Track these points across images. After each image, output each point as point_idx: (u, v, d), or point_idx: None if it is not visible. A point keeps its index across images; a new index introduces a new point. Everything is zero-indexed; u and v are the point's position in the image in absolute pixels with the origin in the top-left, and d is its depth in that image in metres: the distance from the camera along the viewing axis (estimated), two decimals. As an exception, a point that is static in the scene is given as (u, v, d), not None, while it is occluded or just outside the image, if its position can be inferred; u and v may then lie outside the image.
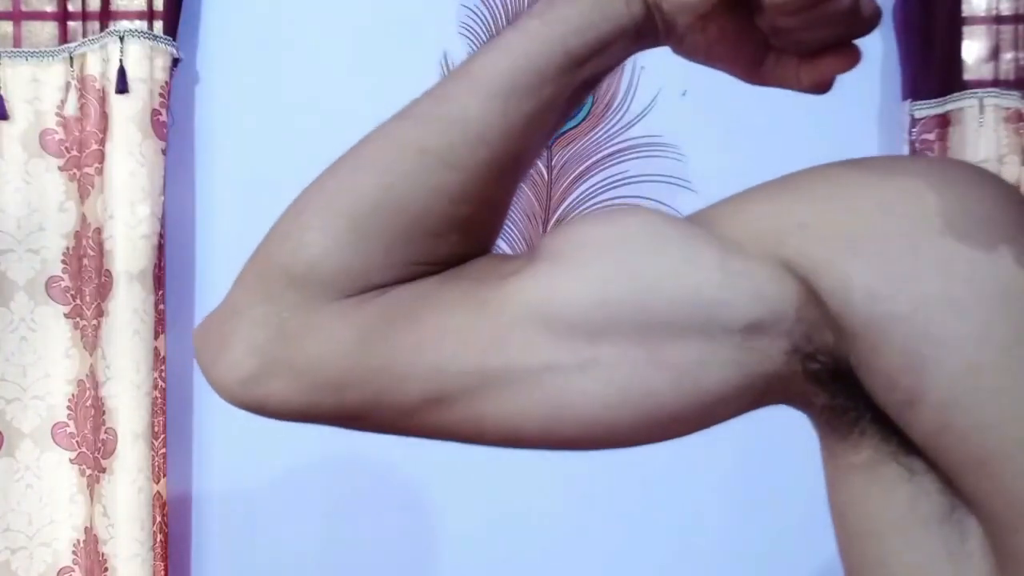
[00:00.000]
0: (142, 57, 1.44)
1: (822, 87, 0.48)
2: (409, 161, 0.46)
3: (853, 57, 0.46)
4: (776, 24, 0.45)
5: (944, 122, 1.49)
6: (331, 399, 0.46)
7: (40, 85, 1.49)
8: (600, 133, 1.57)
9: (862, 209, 0.42)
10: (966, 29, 1.51)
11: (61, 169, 1.49)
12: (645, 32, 0.47)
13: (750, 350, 0.42)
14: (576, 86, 0.48)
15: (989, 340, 0.37)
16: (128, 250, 1.42)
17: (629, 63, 1.57)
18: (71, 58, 1.48)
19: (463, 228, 0.47)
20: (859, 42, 0.48)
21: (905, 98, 1.53)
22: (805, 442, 0.49)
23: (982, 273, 0.38)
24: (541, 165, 1.57)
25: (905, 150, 1.53)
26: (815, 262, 0.41)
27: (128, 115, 1.43)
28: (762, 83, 0.49)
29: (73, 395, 1.50)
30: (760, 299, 0.42)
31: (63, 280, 1.49)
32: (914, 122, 1.50)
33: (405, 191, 0.45)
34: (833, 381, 0.42)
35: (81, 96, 1.46)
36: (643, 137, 1.57)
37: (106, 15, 1.49)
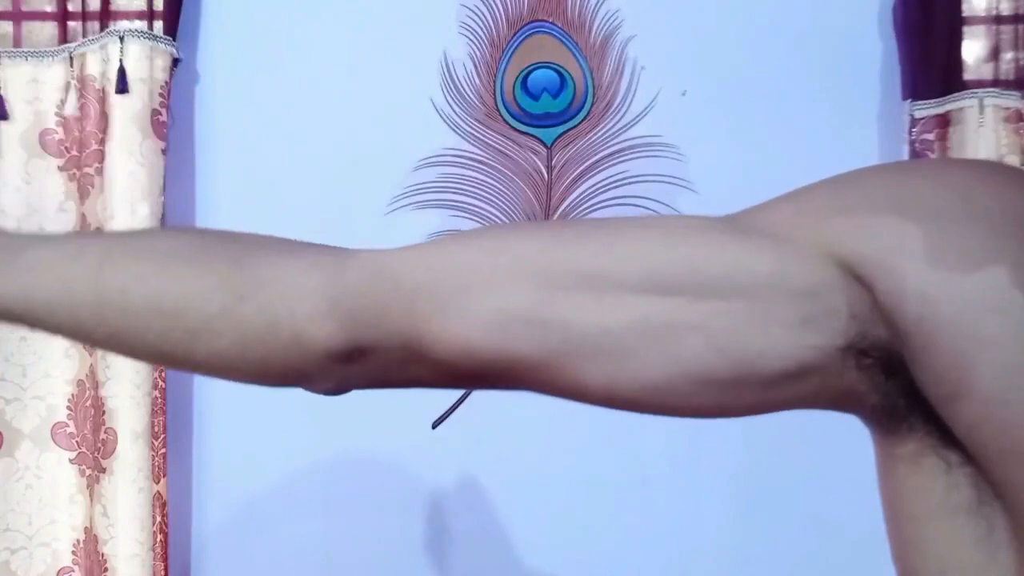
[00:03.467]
0: (142, 57, 1.44)
1: None
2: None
3: None
4: None
5: (944, 122, 1.49)
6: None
7: (40, 85, 1.49)
8: (600, 133, 1.57)
9: (914, 212, 0.43)
10: (966, 29, 1.51)
11: (61, 169, 1.49)
12: None
13: (805, 345, 0.44)
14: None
15: None
16: (128, 250, 1.42)
17: (629, 63, 1.57)
18: (71, 58, 1.48)
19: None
20: (859, 42, 0.49)
21: (905, 98, 1.53)
22: (805, 443, 0.50)
23: None
24: (541, 165, 1.57)
25: (905, 150, 1.53)
26: (870, 262, 0.43)
27: (128, 115, 1.43)
28: None
29: (73, 395, 1.50)
30: (816, 295, 0.44)
31: (63, 280, 1.49)
32: (914, 122, 1.50)
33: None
34: (885, 378, 0.44)
35: (81, 96, 1.46)
36: (643, 137, 1.57)
37: (106, 15, 1.49)
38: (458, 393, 1.54)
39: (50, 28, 1.53)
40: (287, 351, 0.49)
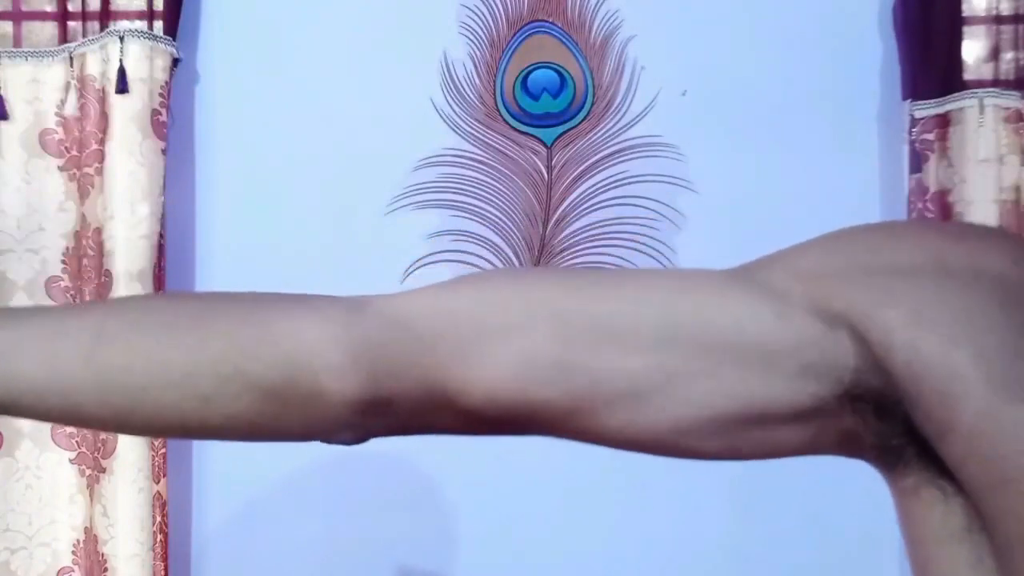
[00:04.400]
0: (142, 57, 1.44)
1: None
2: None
3: None
4: None
5: (944, 122, 1.49)
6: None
7: (40, 85, 1.49)
8: (600, 133, 1.57)
9: (896, 271, 0.48)
10: (966, 29, 1.51)
11: (61, 169, 1.49)
12: None
13: (806, 394, 0.48)
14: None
15: (1008, 381, 0.45)
16: (128, 250, 1.42)
17: (629, 63, 1.57)
18: (71, 58, 1.48)
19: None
20: (859, 42, 0.50)
21: (905, 98, 1.53)
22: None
23: (999, 324, 0.45)
24: (541, 165, 1.57)
25: (905, 150, 1.53)
26: (860, 315, 0.48)
27: (128, 115, 1.43)
28: None
29: (73, 395, 1.49)
30: (814, 348, 0.48)
31: (63, 280, 1.49)
32: (914, 122, 1.50)
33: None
34: (878, 420, 0.49)
35: (81, 96, 1.46)
36: (643, 137, 1.57)
37: (106, 15, 1.49)
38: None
39: (50, 28, 1.53)
40: (307, 407, 0.48)
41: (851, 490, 1.20)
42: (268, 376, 0.48)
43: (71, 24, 1.51)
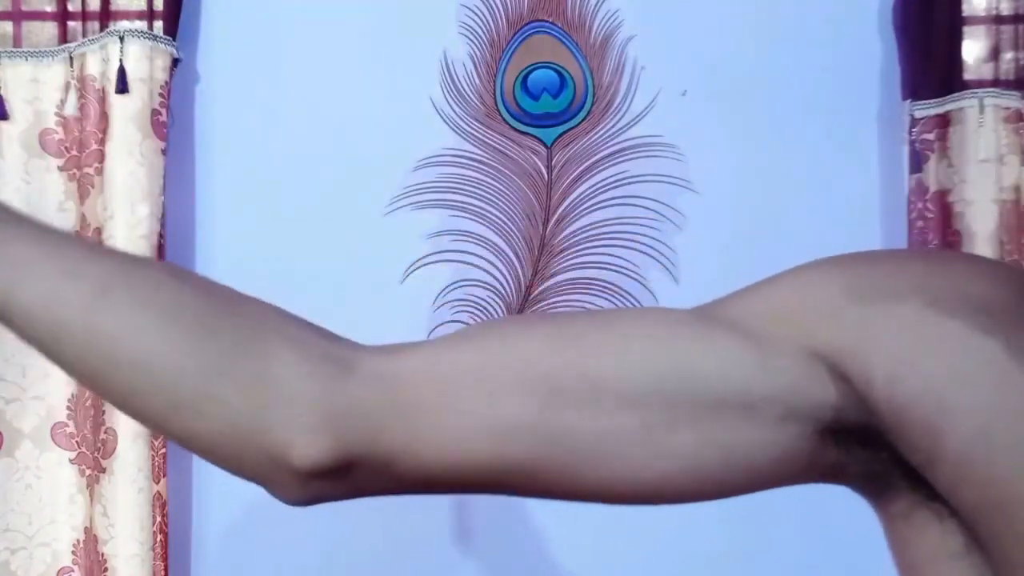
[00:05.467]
0: (142, 57, 1.44)
1: None
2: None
3: None
4: None
5: (944, 122, 1.49)
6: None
7: (40, 85, 1.49)
8: (600, 133, 1.57)
9: (874, 301, 0.48)
10: (966, 29, 1.51)
11: (61, 169, 1.49)
12: None
13: (789, 434, 0.48)
14: None
15: (991, 407, 0.44)
16: (128, 250, 1.42)
17: (629, 63, 1.57)
18: (71, 58, 1.48)
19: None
20: (859, 42, 0.50)
21: (905, 98, 1.53)
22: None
23: (982, 353, 0.45)
24: (541, 165, 1.57)
25: (905, 150, 1.53)
26: (840, 352, 0.47)
27: (128, 115, 1.43)
28: None
29: (73, 395, 1.50)
30: (796, 388, 0.48)
31: (63, 280, 1.49)
32: (914, 122, 1.50)
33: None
34: (862, 449, 0.49)
35: (81, 96, 1.46)
36: (643, 137, 1.57)
37: (106, 15, 1.49)
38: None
39: (50, 28, 1.53)
40: (270, 455, 0.47)
41: (850, 492, 1.20)
42: (244, 413, 0.46)
43: (71, 24, 1.51)
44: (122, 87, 1.42)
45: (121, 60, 1.43)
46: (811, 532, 1.55)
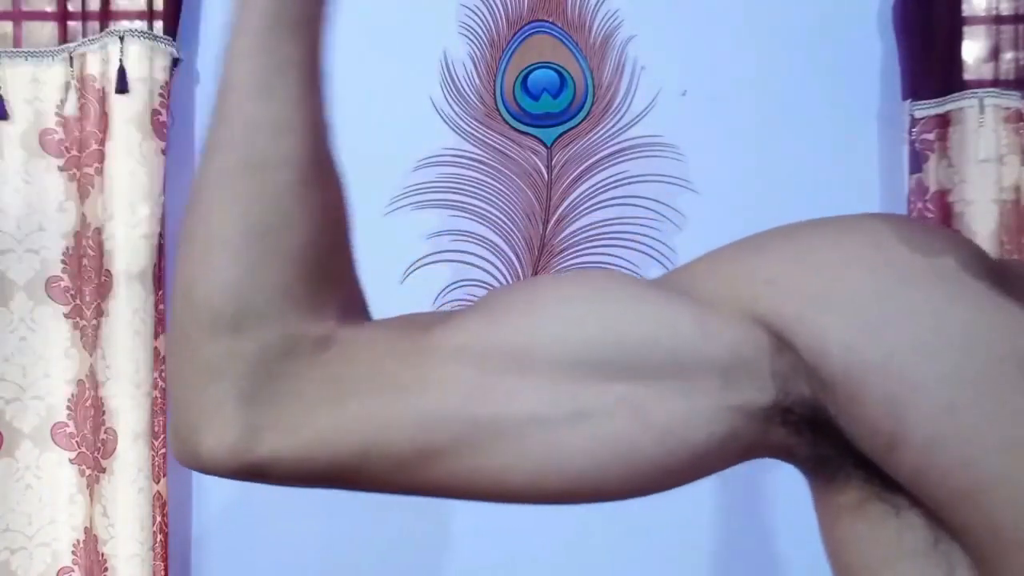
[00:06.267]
0: (142, 57, 1.44)
1: None
2: (245, 182, 0.46)
3: None
4: None
5: (944, 122, 1.49)
6: (323, 453, 0.45)
7: (40, 85, 1.49)
8: (600, 133, 1.57)
9: (827, 264, 0.44)
10: (966, 29, 1.51)
11: (61, 169, 1.49)
12: None
13: (729, 407, 0.43)
14: (313, 39, 0.51)
15: (961, 379, 0.40)
16: (128, 250, 1.42)
17: (629, 63, 1.57)
18: (71, 58, 1.48)
19: (328, 228, 0.48)
20: (859, 42, 0.49)
21: (905, 98, 1.53)
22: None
23: (945, 318, 0.41)
24: (541, 165, 1.57)
25: (905, 150, 1.53)
26: (787, 318, 0.43)
27: (128, 115, 1.43)
28: None
29: (73, 395, 1.50)
30: (737, 355, 0.43)
31: (63, 280, 1.49)
32: (914, 122, 1.50)
33: (261, 209, 0.46)
34: (812, 431, 0.44)
35: (81, 96, 1.46)
36: (643, 137, 1.57)
37: (106, 15, 1.49)
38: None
39: (50, 28, 1.53)
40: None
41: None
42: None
43: (71, 24, 1.51)
44: (122, 87, 1.42)
45: (121, 60, 1.43)
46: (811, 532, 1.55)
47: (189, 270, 0.47)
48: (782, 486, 1.53)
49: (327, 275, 0.48)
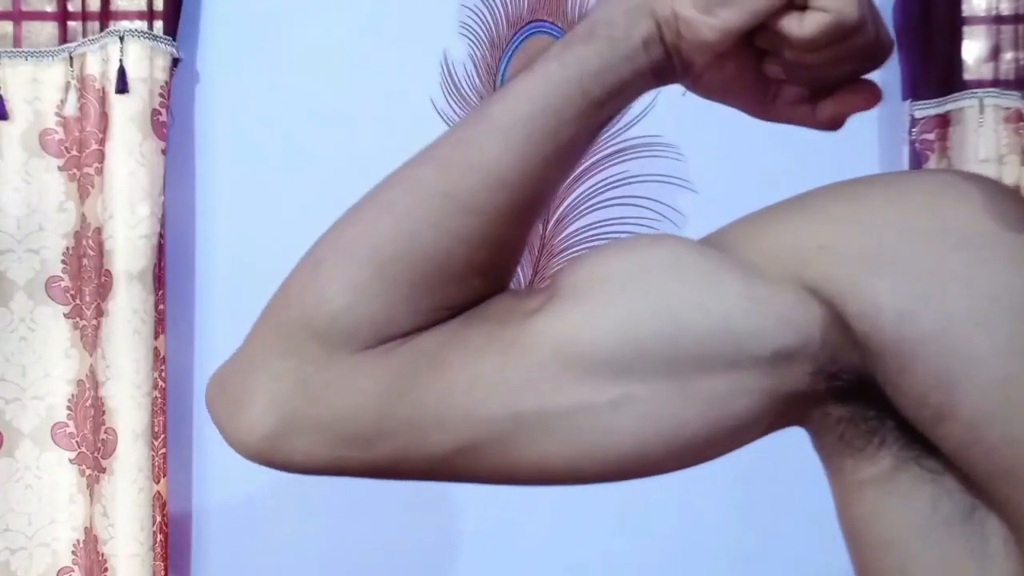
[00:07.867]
0: (142, 57, 1.44)
1: (837, 124, 0.47)
2: (431, 207, 0.45)
3: (874, 95, 0.46)
4: (799, 60, 0.44)
5: (944, 122, 1.49)
6: (359, 453, 0.45)
7: (40, 85, 1.49)
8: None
9: (881, 227, 0.42)
10: (966, 29, 1.51)
11: (61, 169, 1.49)
12: (662, 71, 0.47)
13: (777, 375, 0.43)
14: (595, 127, 0.47)
15: (1016, 353, 0.38)
16: (128, 250, 1.42)
17: (629, 63, 1.57)
18: (71, 58, 1.48)
19: (484, 271, 0.46)
20: None
21: (905, 98, 1.53)
22: (806, 443, 0.50)
23: (1003, 286, 0.39)
24: (541, 165, 1.57)
25: (905, 150, 1.53)
26: (839, 284, 0.42)
27: (128, 115, 1.43)
28: (775, 119, 0.49)
29: (73, 395, 1.50)
30: (787, 325, 0.42)
31: (63, 280, 1.49)
32: (914, 122, 1.50)
33: (428, 238, 0.44)
34: (855, 396, 0.43)
35: (81, 96, 1.46)
36: (643, 137, 1.57)
37: (106, 15, 1.49)
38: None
39: (50, 28, 1.53)
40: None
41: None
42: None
43: (71, 24, 1.51)
44: (122, 87, 1.42)
45: (121, 60, 1.43)
46: (812, 531, 1.55)
47: (331, 271, 0.45)
48: (794, 487, 1.53)
49: (448, 289, 0.46)
